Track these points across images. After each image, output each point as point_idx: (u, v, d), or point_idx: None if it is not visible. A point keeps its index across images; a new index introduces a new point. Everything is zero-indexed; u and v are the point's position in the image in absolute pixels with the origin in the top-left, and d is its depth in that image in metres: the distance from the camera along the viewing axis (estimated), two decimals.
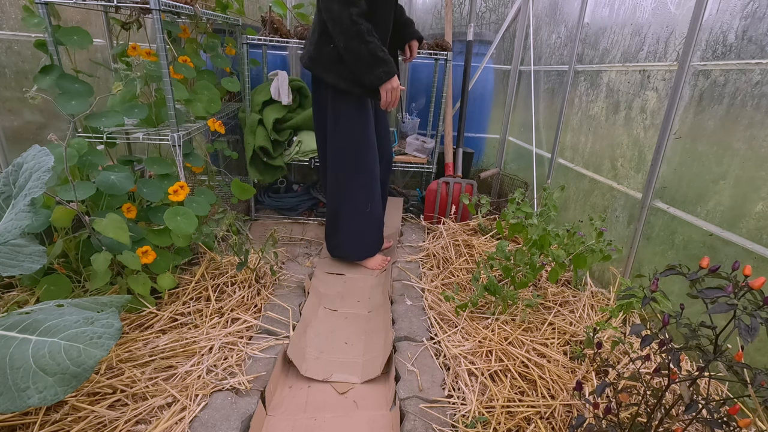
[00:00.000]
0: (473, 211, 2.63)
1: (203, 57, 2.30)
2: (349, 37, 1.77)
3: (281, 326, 1.70)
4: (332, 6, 1.76)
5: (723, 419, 0.91)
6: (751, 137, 1.39)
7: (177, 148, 1.78)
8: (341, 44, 1.81)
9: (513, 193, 2.13)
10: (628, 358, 1.50)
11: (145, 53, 1.82)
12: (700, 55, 1.58)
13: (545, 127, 2.80)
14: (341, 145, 2.10)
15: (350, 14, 1.74)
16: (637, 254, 1.87)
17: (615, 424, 1.03)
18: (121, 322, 1.05)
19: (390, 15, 2.02)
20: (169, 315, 1.65)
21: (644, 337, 0.97)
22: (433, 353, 1.59)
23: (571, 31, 2.51)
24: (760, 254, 1.33)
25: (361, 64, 1.84)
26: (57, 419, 1.18)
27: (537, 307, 1.83)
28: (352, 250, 2.33)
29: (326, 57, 1.94)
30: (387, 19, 2.01)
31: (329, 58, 1.93)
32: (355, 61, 1.84)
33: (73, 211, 1.51)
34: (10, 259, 1.18)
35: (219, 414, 1.25)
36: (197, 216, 1.75)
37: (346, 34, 1.77)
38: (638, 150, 1.89)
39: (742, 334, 0.81)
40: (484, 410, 1.32)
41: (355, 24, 1.75)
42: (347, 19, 1.75)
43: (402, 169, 3.11)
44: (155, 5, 1.61)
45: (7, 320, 1.01)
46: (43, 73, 1.66)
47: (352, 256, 2.36)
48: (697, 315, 1.48)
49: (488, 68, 3.23)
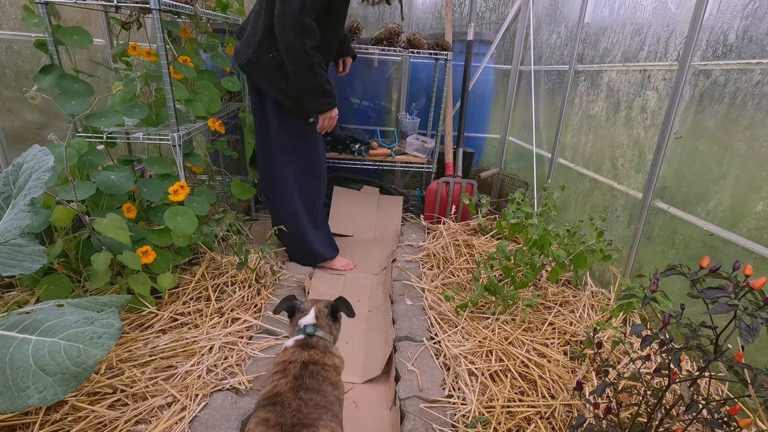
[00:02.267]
0: (473, 211, 2.63)
1: (203, 57, 2.30)
2: (300, 66, 1.81)
3: (281, 326, 1.70)
4: (288, 34, 1.75)
5: (723, 419, 0.90)
6: (751, 137, 1.39)
7: (177, 148, 1.78)
8: (290, 68, 1.84)
9: (513, 193, 2.13)
10: (628, 358, 1.50)
11: (145, 53, 1.82)
12: (701, 55, 1.58)
13: (545, 127, 2.80)
14: (289, 150, 2.10)
15: (304, 45, 1.76)
16: (638, 254, 1.87)
17: (615, 424, 1.03)
18: (121, 321, 1.05)
19: (340, 29, 2.05)
20: (169, 315, 1.65)
21: (644, 337, 0.97)
22: (434, 353, 1.59)
23: (571, 30, 2.51)
24: (760, 254, 1.33)
25: (307, 93, 1.90)
26: (57, 419, 1.18)
27: (537, 307, 1.83)
28: (305, 255, 2.31)
29: (265, 65, 1.94)
30: (337, 33, 2.04)
31: (268, 67, 1.93)
32: (302, 88, 1.89)
33: (73, 211, 1.51)
34: (10, 259, 1.17)
35: (219, 414, 1.25)
36: (197, 216, 1.75)
37: (297, 63, 1.81)
38: (639, 150, 1.88)
39: (742, 335, 0.81)
40: (485, 410, 1.32)
41: (308, 56, 1.78)
42: (301, 49, 1.77)
43: (402, 169, 3.11)
44: (155, 5, 1.61)
45: (7, 320, 1.01)
46: (43, 73, 1.66)
47: (308, 260, 2.32)
48: (697, 315, 1.48)
49: (488, 68, 3.23)
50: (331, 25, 1.91)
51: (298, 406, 0.91)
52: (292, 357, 1.05)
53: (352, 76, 3.16)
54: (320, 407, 0.93)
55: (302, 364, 1.03)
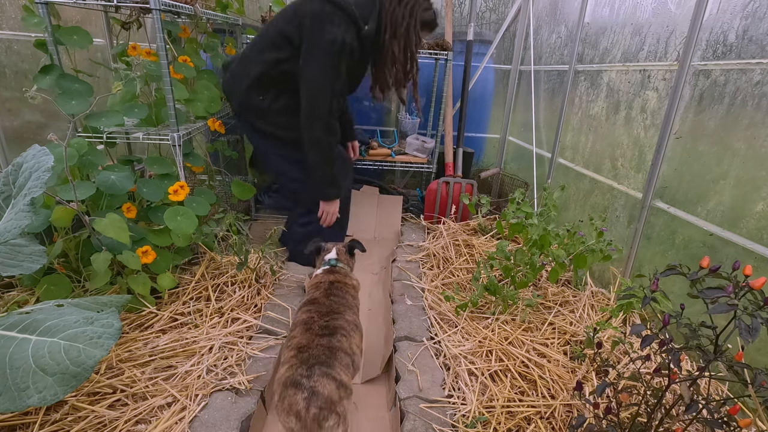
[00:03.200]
0: (473, 211, 2.63)
1: (203, 57, 2.30)
2: (321, 159, 1.98)
3: (281, 326, 1.70)
4: (316, 128, 1.91)
5: (723, 419, 0.90)
6: (751, 137, 1.39)
7: (177, 147, 1.78)
8: (311, 158, 1.98)
9: (513, 193, 2.13)
10: (628, 358, 1.50)
11: (145, 53, 1.82)
12: (701, 55, 1.58)
13: (545, 127, 2.80)
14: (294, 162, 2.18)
15: (330, 143, 1.96)
16: (638, 254, 1.87)
17: (615, 424, 1.03)
18: (121, 321, 1.05)
19: (355, 89, 2.17)
20: (169, 315, 1.65)
21: (644, 337, 0.96)
22: (433, 353, 1.58)
23: (571, 30, 2.51)
24: (760, 254, 1.33)
25: (320, 180, 2.03)
26: (57, 419, 1.18)
27: (537, 307, 1.83)
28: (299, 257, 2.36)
29: (256, 107, 2.02)
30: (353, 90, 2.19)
31: (260, 109, 2.02)
32: (317, 176, 2.02)
33: (73, 210, 1.51)
34: (10, 259, 1.18)
35: (219, 414, 1.25)
36: (197, 216, 1.75)
37: (320, 155, 1.97)
38: (638, 150, 1.88)
39: (742, 334, 0.81)
40: (485, 410, 1.32)
41: (330, 150, 1.98)
42: (327, 146, 1.96)
43: (402, 169, 3.11)
44: (155, 5, 1.61)
45: (7, 320, 1.01)
46: (43, 73, 1.66)
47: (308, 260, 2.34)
48: (697, 315, 1.48)
49: (488, 68, 3.22)
50: (351, 88, 2.12)
51: (330, 303, 1.32)
52: (321, 279, 1.46)
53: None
54: (344, 306, 1.34)
55: (329, 282, 1.43)
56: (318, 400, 1.02)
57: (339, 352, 1.14)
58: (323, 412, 1.02)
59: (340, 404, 1.06)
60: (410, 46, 1.96)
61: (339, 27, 1.79)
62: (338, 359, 1.12)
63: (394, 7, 1.89)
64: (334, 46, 1.79)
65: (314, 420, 1.01)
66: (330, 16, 1.79)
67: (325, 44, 1.79)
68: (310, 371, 1.06)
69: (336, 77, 1.86)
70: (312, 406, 1.01)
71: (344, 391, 1.08)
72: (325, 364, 1.09)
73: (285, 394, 1.04)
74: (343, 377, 1.10)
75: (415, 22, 1.92)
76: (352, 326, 1.28)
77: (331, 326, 1.21)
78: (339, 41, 1.78)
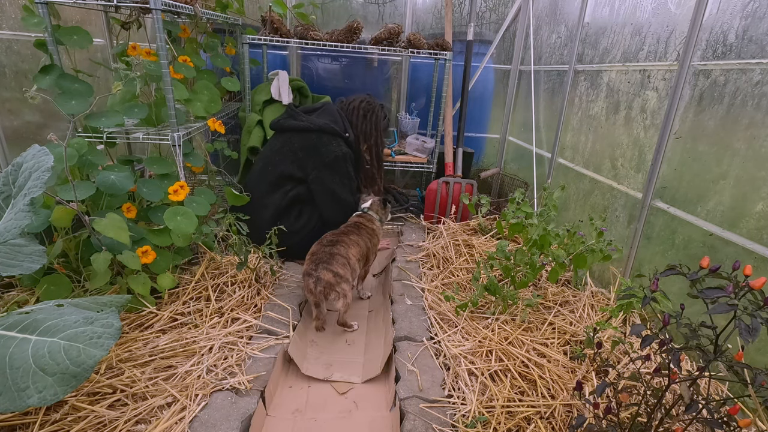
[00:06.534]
0: (473, 211, 2.63)
1: (203, 57, 2.30)
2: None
3: (281, 326, 1.70)
4: (338, 216, 2.26)
5: (723, 419, 0.90)
6: (751, 137, 1.39)
7: (177, 147, 1.78)
8: (327, 213, 2.33)
9: (513, 193, 2.13)
10: (628, 358, 1.50)
11: (145, 53, 1.82)
12: (701, 55, 1.58)
13: (545, 127, 2.80)
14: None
15: (346, 215, 2.24)
16: (637, 254, 1.87)
17: (615, 424, 1.03)
18: (120, 321, 1.05)
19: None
20: (169, 315, 1.65)
21: (644, 337, 0.96)
22: (433, 353, 1.58)
23: (571, 30, 2.51)
24: (760, 254, 1.33)
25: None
26: (57, 419, 1.18)
27: (537, 307, 1.83)
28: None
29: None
30: None
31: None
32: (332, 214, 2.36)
33: (73, 210, 1.51)
34: (10, 259, 1.17)
35: (219, 414, 1.25)
36: (197, 216, 1.75)
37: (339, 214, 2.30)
38: (638, 150, 1.88)
39: (742, 334, 0.81)
40: (484, 410, 1.32)
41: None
42: (342, 218, 2.23)
43: (402, 169, 3.11)
44: (155, 5, 1.61)
45: (7, 320, 1.01)
46: (43, 73, 1.66)
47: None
48: (697, 315, 1.48)
49: (488, 68, 3.23)
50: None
51: (346, 231, 1.98)
52: (352, 220, 2.11)
53: (352, 76, 3.16)
54: (355, 234, 1.97)
55: (354, 222, 2.08)
56: (321, 283, 1.70)
57: (336, 256, 1.79)
58: (326, 290, 1.71)
59: (338, 286, 1.73)
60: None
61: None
62: (335, 260, 1.77)
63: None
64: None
65: (321, 293, 1.71)
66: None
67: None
68: (316, 267, 1.74)
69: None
70: (318, 285, 1.71)
71: (340, 278, 1.74)
72: (326, 262, 1.75)
73: (304, 280, 1.76)
74: (339, 270, 1.75)
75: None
76: (353, 243, 1.91)
77: (335, 240, 1.88)
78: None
